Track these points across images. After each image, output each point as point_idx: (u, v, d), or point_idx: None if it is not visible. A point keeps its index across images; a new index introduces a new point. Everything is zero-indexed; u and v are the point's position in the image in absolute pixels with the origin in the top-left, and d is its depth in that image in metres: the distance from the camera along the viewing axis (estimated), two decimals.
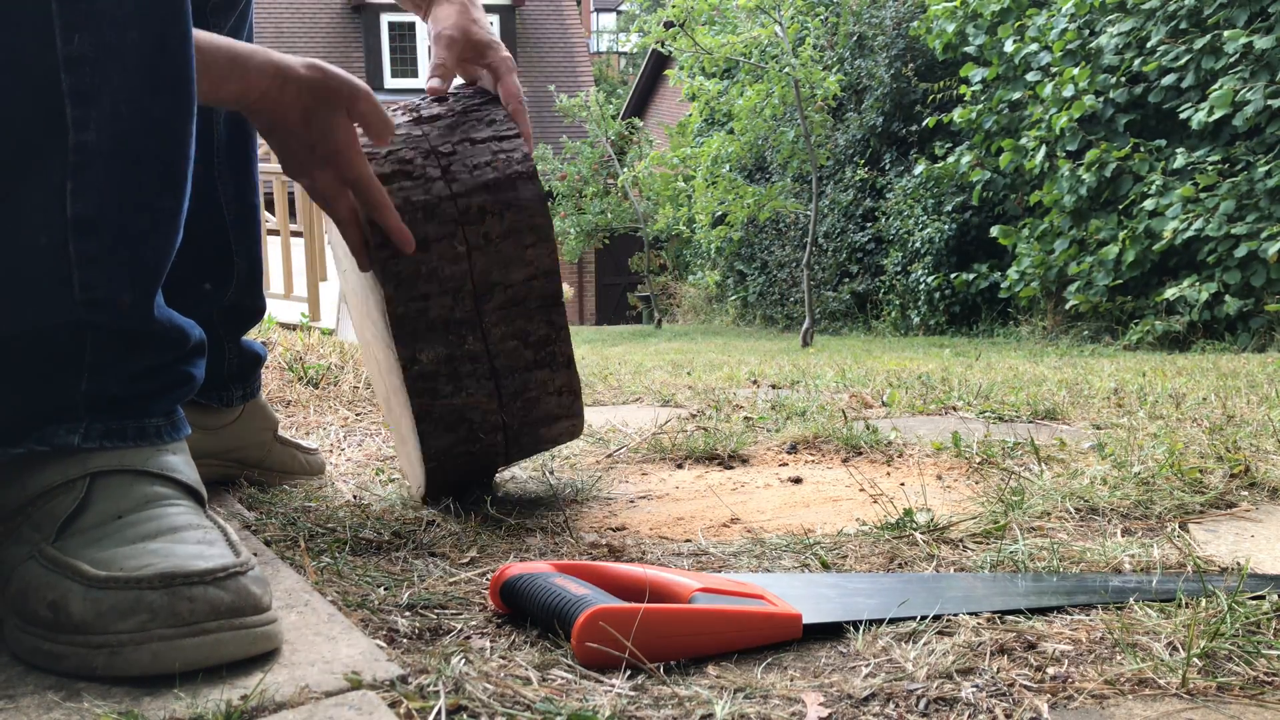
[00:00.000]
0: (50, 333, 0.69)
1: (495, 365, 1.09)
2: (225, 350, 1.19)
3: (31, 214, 0.67)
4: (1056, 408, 1.96)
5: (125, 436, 0.73)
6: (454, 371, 1.07)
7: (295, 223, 6.33)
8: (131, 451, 0.72)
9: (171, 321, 0.77)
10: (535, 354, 1.11)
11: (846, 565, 0.93)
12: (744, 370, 3.45)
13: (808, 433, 1.67)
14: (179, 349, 0.78)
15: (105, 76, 0.66)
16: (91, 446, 0.71)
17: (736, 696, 0.61)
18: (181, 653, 0.59)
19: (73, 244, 0.68)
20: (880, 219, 9.27)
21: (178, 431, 0.77)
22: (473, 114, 1.16)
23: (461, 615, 0.77)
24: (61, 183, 0.67)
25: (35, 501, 0.68)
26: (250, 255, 1.18)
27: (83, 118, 0.66)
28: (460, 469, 1.14)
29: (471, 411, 1.09)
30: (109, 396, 0.72)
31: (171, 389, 0.77)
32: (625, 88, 22.66)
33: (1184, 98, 5.99)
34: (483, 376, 1.09)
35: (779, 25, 7.90)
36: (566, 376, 1.14)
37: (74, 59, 0.65)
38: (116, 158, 0.68)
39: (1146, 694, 0.62)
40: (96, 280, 0.69)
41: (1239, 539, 1.00)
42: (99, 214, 0.68)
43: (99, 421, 0.72)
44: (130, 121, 0.69)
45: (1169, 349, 5.51)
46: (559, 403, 1.15)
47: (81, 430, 0.71)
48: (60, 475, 0.69)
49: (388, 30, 15.55)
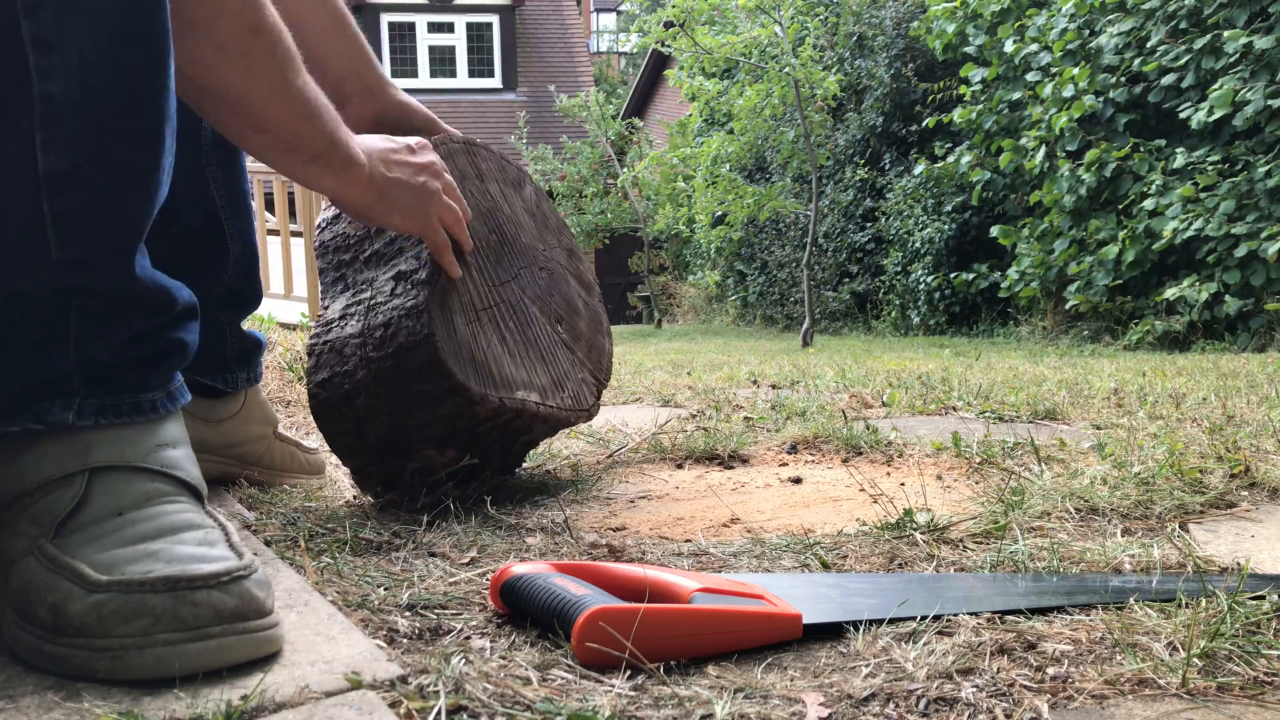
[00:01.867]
0: (31, 297, 0.68)
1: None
2: (227, 334, 1.20)
3: (1, 170, 0.65)
4: (1056, 408, 1.96)
5: (121, 412, 0.71)
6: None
7: (295, 223, 6.34)
8: (130, 442, 0.71)
9: (155, 282, 0.75)
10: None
11: (846, 565, 0.93)
12: (744, 370, 3.45)
13: (808, 433, 1.67)
14: (167, 312, 0.76)
15: (69, 23, 0.64)
16: (86, 424, 0.69)
17: (736, 696, 0.61)
18: (185, 657, 0.59)
19: (46, 201, 0.66)
20: (880, 219, 9.27)
21: (175, 402, 0.76)
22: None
23: (461, 615, 0.77)
24: (30, 136, 0.65)
25: (33, 494, 0.68)
26: (244, 240, 1.19)
27: (46, 67, 0.64)
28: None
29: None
30: (101, 366, 0.71)
31: (165, 356, 0.76)
32: (625, 88, 22.66)
33: (1184, 98, 5.99)
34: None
35: (779, 25, 7.90)
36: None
37: (33, 4, 0.63)
38: (86, 110, 0.66)
39: (1146, 694, 0.62)
40: (73, 238, 0.68)
41: (1239, 539, 1.00)
42: (72, 169, 0.67)
43: (93, 396, 0.70)
44: (98, 71, 0.66)
45: (1169, 349, 5.51)
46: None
47: (76, 406, 0.70)
48: (59, 468, 0.68)
49: (388, 30, 15.55)
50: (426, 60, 15.59)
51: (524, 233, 1.35)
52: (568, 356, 1.34)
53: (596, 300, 1.50)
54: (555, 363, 1.31)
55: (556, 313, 1.35)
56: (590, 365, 1.41)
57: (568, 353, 1.35)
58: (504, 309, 1.24)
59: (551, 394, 1.26)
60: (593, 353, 1.42)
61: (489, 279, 1.23)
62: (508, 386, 1.18)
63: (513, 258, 1.30)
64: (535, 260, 1.35)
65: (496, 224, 1.29)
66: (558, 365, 1.31)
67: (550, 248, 1.41)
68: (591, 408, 1.38)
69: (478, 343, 1.16)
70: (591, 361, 1.41)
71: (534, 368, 1.26)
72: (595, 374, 1.42)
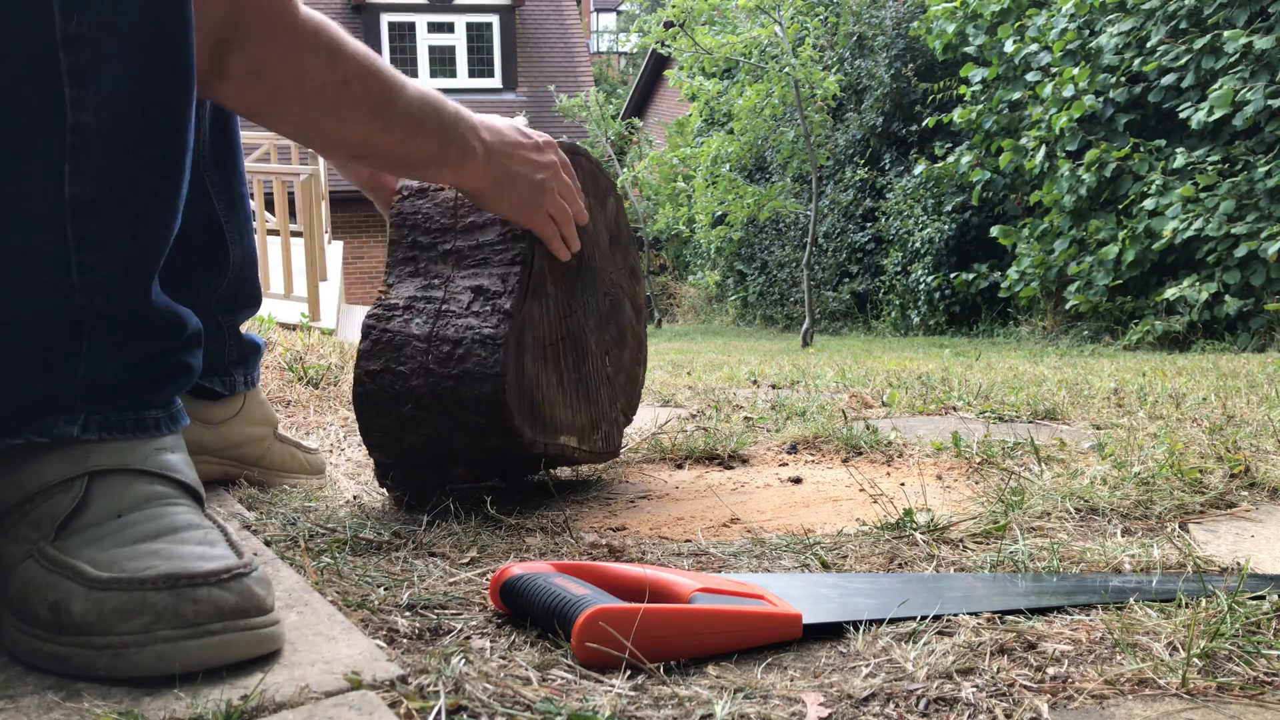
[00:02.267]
0: (48, 318, 0.69)
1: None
2: (226, 336, 1.20)
3: (29, 196, 0.66)
4: (1056, 408, 1.96)
5: (125, 429, 0.72)
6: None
7: (295, 223, 6.34)
8: (129, 449, 0.72)
9: (169, 308, 0.76)
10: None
11: (846, 565, 0.93)
12: (744, 370, 3.45)
13: (808, 433, 1.67)
14: (177, 336, 0.77)
15: (104, 56, 0.66)
16: (91, 438, 0.70)
17: (736, 696, 0.61)
18: (186, 655, 0.59)
19: (71, 227, 0.67)
20: (880, 219, 9.27)
21: (175, 424, 0.77)
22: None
23: (461, 615, 0.77)
24: (60, 164, 0.66)
25: (34, 499, 0.68)
26: (243, 243, 1.19)
27: (81, 98, 0.65)
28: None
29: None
30: (108, 385, 0.72)
31: (170, 379, 0.77)
32: (625, 88, 22.67)
33: (1184, 97, 6.00)
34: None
35: (779, 25, 7.90)
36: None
37: (72, 38, 0.64)
38: (114, 140, 0.68)
39: (1146, 694, 0.62)
40: (95, 263, 0.69)
41: (1239, 539, 1.00)
42: (97, 196, 0.68)
43: (98, 413, 0.71)
44: (128, 103, 0.68)
45: (1169, 349, 5.51)
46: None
47: (80, 421, 0.70)
48: (59, 473, 0.69)
49: (388, 30, 15.55)
50: (426, 60, 15.60)
51: (599, 253, 1.26)
52: (608, 393, 1.27)
53: (643, 325, 1.40)
54: (597, 401, 1.25)
55: (607, 344, 1.27)
56: (623, 400, 1.33)
57: (609, 388, 1.27)
58: (567, 343, 1.17)
59: (588, 436, 1.21)
60: (628, 385, 1.34)
61: (561, 307, 1.16)
62: (554, 431, 1.14)
63: (585, 283, 1.23)
64: (602, 284, 1.27)
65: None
66: (599, 404, 1.25)
67: (618, 269, 1.32)
68: (618, 449, 1.31)
69: (539, 384, 1.11)
70: (625, 395, 1.34)
71: (579, 408, 1.20)
72: (626, 410, 1.34)
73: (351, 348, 2.53)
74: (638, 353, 1.39)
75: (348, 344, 2.66)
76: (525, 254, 1.10)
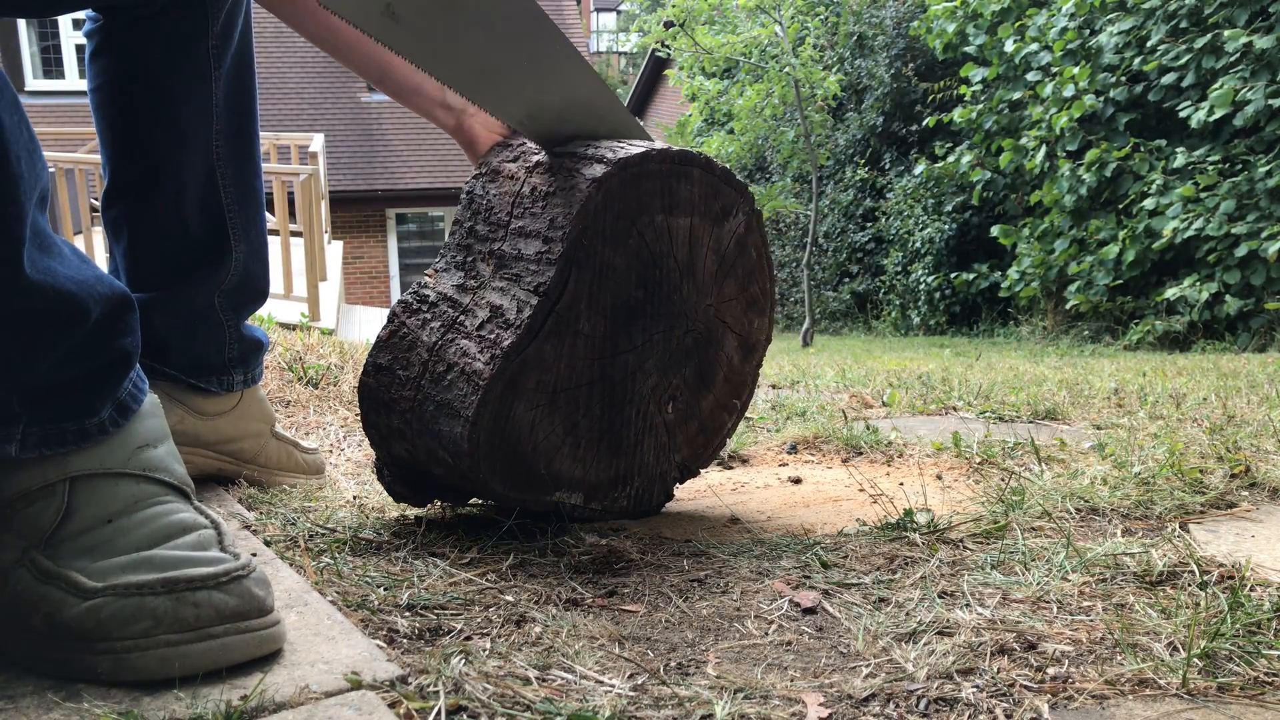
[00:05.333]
0: None
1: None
2: (227, 334, 1.19)
3: None
4: (1056, 408, 1.96)
5: (65, 441, 0.68)
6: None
7: (295, 223, 6.34)
8: (109, 450, 0.70)
9: (56, 287, 0.68)
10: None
11: (846, 565, 0.93)
12: None
13: (808, 433, 1.67)
14: (83, 321, 0.70)
15: None
16: (30, 456, 0.67)
17: (736, 696, 0.61)
18: (188, 658, 0.59)
19: None
20: (880, 219, 9.28)
21: (127, 411, 0.73)
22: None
23: (461, 615, 0.77)
24: None
25: (13, 505, 0.66)
26: (250, 238, 1.19)
27: None
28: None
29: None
30: (39, 389, 0.68)
31: (106, 372, 0.72)
32: (625, 88, 22.66)
33: (1184, 97, 6.00)
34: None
35: (779, 25, 7.91)
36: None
37: None
38: None
39: (1146, 694, 0.62)
40: None
41: (1239, 539, 1.00)
42: None
43: (35, 424, 0.68)
44: None
45: (1169, 349, 5.51)
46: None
47: (18, 438, 0.67)
48: (39, 478, 0.67)
49: None
50: None
51: (689, 284, 1.09)
52: (658, 444, 1.12)
53: (753, 365, 1.21)
54: (634, 453, 1.10)
55: (674, 387, 1.11)
56: (686, 452, 1.17)
57: (664, 438, 1.13)
58: (596, 387, 1.03)
59: (601, 493, 1.09)
60: (701, 435, 1.18)
61: (599, 349, 1.02)
62: (542, 487, 1.03)
63: (651, 319, 1.07)
64: (685, 319, 1.10)
65: (651, 277, 1.05)
66: (637, 456, 1.10)
67: (724, 299, 1.14)
68: (657, 507, 1.17)
69: (532, 432, 1.00)
70: (694, 445, 1.17)
71: (598, 460, 1.07)
72: (689, 463, 1.18)
73: (351, 348, 2.53)
74: (730, 397, 1.20)
75: (347, 344, 2.65)
76: (552, 285, 0.97)
